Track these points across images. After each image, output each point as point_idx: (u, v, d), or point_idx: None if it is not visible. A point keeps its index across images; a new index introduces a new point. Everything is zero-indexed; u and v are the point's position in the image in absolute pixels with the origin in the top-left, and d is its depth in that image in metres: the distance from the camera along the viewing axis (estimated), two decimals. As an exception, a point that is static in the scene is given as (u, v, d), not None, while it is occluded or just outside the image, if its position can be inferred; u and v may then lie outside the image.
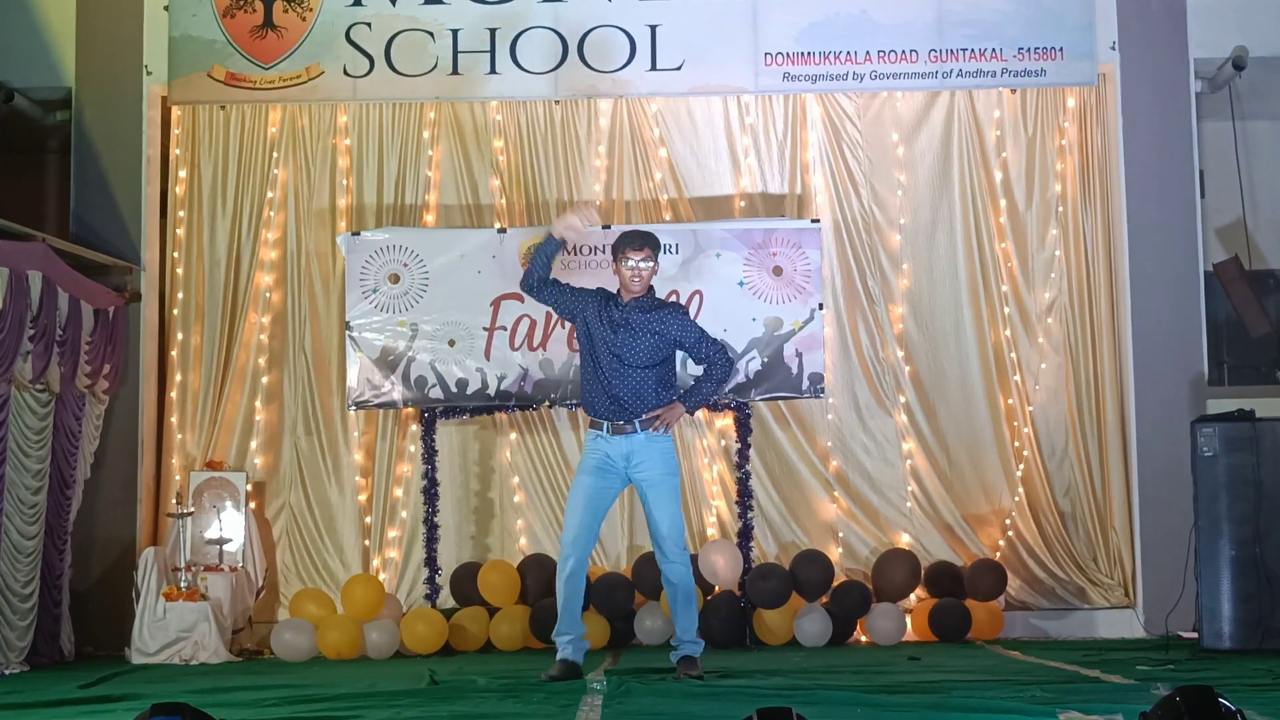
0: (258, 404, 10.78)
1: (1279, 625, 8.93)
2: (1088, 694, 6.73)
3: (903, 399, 10.80)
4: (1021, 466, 10.75)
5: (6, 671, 8.89)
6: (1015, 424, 10.80)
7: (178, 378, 10.78)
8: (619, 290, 7.87)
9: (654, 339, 7.75)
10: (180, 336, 10.81)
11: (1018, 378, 10.80)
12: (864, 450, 10.81)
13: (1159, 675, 7.57)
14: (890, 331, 10.84)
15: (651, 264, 7.78)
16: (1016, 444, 10.77)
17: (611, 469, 7.77)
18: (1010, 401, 10.80)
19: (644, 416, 7.75)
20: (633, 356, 7.71)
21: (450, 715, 6.31)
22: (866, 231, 10.90)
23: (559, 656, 7.79)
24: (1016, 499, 10.73)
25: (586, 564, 7.89)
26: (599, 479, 7.76)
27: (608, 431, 7.73)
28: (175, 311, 10.83)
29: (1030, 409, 10.78)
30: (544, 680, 7.54)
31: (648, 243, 7.81)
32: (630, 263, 7.74)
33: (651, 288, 7.90)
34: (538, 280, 7.88)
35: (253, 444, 10.74)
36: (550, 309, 8.51)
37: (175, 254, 10.87)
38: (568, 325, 10.28)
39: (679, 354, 8.04)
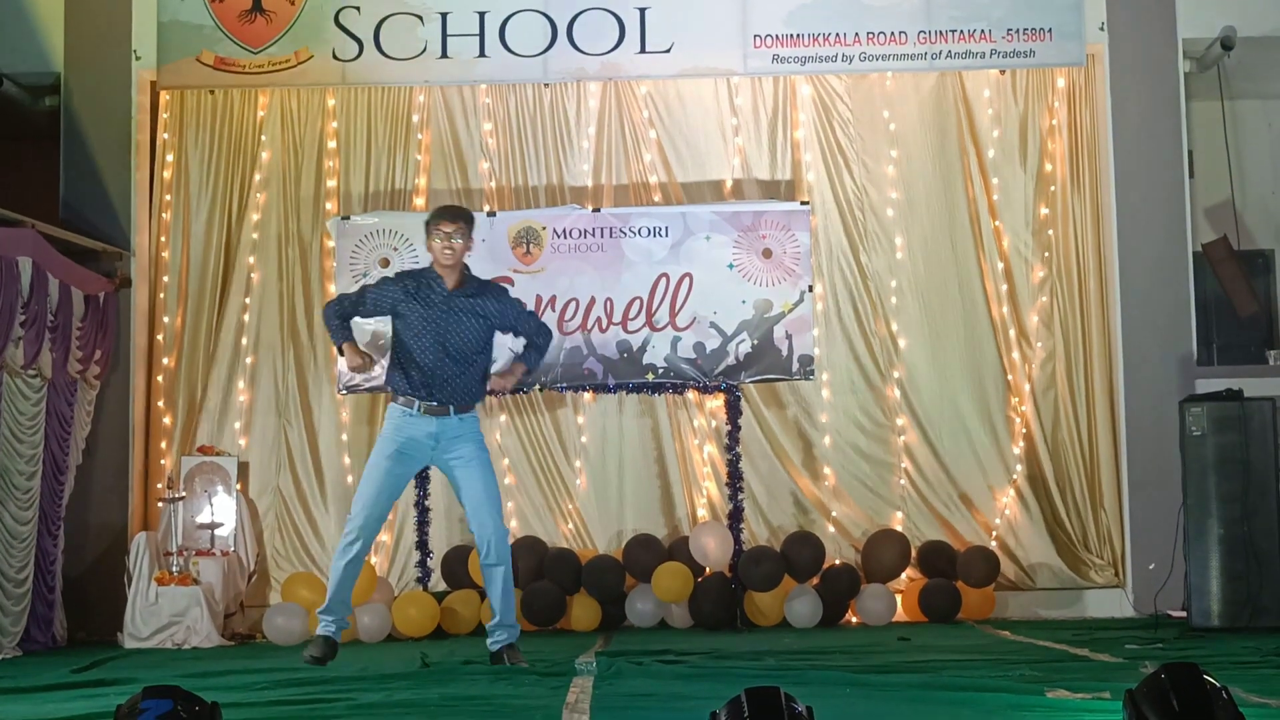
0: (242, 386, 10.79)
1: (1267, 604, 8.97)
2: (1076, 673, 6.77)
3: (896, 375, 10.82)
4: (1015, 446, 10.78)
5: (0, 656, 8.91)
6: (1014, 400, 10.81)
7: (164, 361, 10.79)
8: (432, 266, 7.68)
9: (481, 323, 7.64)
10: (166, 320, 10.82)
11: (1015, 355, 10.82)
12: (857, 429, 10.82)
13: (1147, 654, 7.61)
14: (883, 309, 10.85)
15: (464, 240, 7.59)
16: (1015, 421, 10.79)
17: (413, 454, 7.61)
18: (1008, 378, 10.82)
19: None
20: (461, 343, 7.58)
21: (441, 698, 6.32)
22: (859, 209, 10.92)
23: (321, 633, 7.62)
24: (1011, 478, 10.76)
25: (369, 551, 7.80)
26: (398, 465, 7.60)
27: (419, 411, 7.55)
28: (161, 295, 10.84)
29: (1027, 387, 10.80)
30: (307, 661, 7.49)
31: (460, 216, 7.65)
32: (441, 234, 7.54)
33: (467, 267, 7.74)
34: (342, 331, 7.70)
35: (237, 426, 10.75)
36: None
37: (162, 238, 10.87)
38: (557, 309, 10.32)
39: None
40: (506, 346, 8.65)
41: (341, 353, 7.75)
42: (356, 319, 7.82)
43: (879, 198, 10.96)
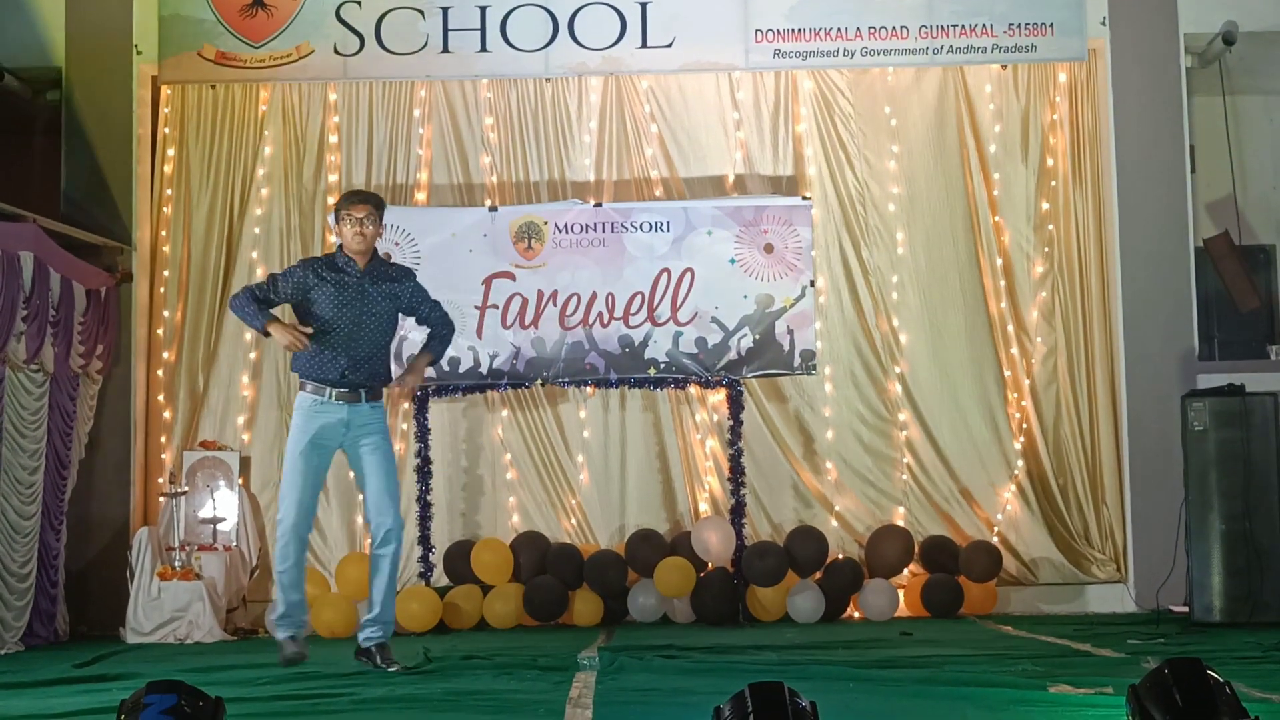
0: (244, 381, 10.79)
1: (1268, 599, 8.99)
2: (1078, 668, 6.79)
3: (898, 370, 10.82)
4: (1016, 441, 10.78)
5: (2, 651, 8.91)
6: (1014, 396, 10.81)
7: (164, 355, 10.79)
8: (340, 251, 7.58)
9: (392, 305, 7.61)
10: (167, 314, 10.82)
11: (1015, 350, 10.82)
12: (859, 424, 10.82)
13: (1149, 649, 7.63)
14: (885, 304, 10.85)
15: (374, 226, 7.50)
16: (1017, 416, 10.79)
17: (327, 442, 7.52)
18: (1006, 374, 10.82)
19: (398, 379, 7.73)
20: (375, 325, 7.52)
21: (444, 692, 6.33)
22: (861, 204, 10.91)
23: (284, 636, 7.55)
24: (1012, 473, 10.76)
25: (306, 546, 7.71)
26: (315, 456, 7.52)
27: (330, 398, 7.46)
28: (162, 290, 10.84)
29: (1027, 382, 10.80)
30: (285, 664, 7.45)
31: (369, 200, 7.58)
32: (352, 220, 7.45)
33: (377, 251, 7.68)
34: (262, 313, 7.50)
35: (241, 421, 10.75)
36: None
37: (163, 232, 10.87)
38: (559, 304, 10.33)
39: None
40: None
41: (267, 334, 7.49)
42: (266, 305, 7.57)
43: (880, 193, 10.96)
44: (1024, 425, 10.79)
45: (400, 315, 7.77)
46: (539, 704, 5.88)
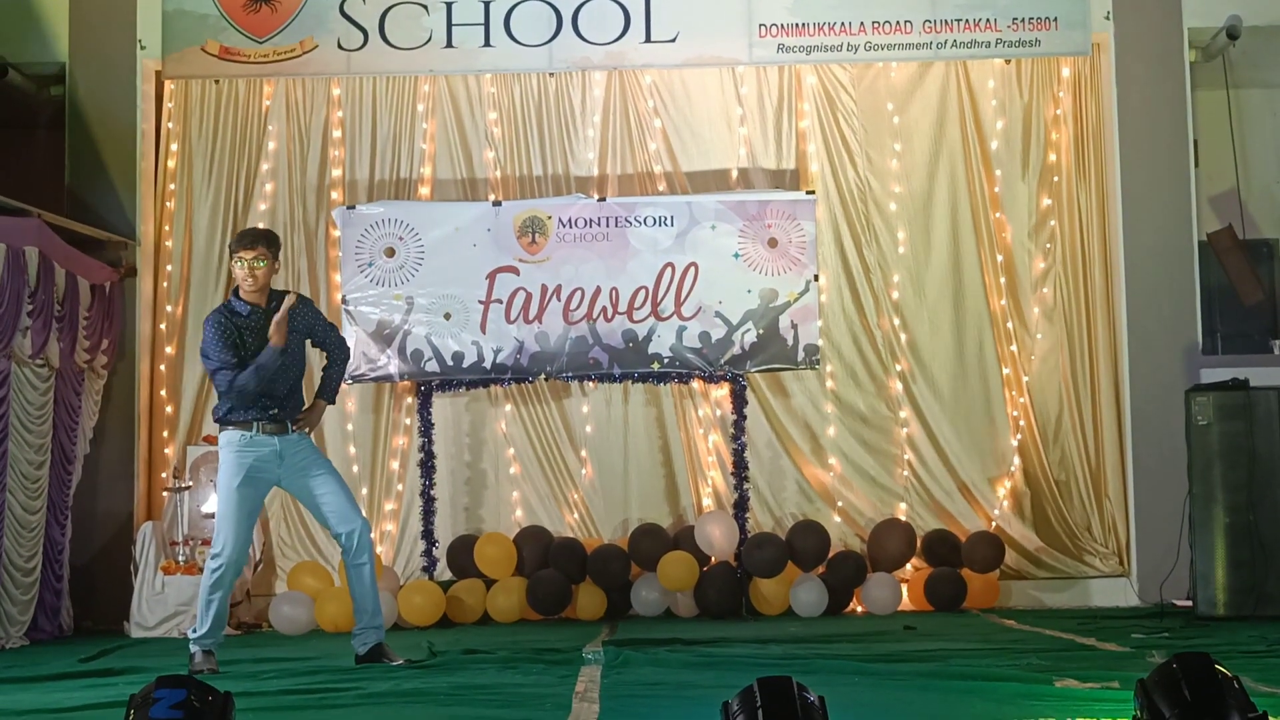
0: (250, 376, 10.78)
1: (1273, 592, 8.99)
2: (1084, 662, 6.79)
3: (899, 367, 10.82)
4: (1017, 436, 10.79)
5: (7, 646, 8.92)
6: (1011, 393, 10.82)
7: (167, 350, 10.79)
8: (236, 295, 7.47)
9: (301, 335, 7.57)
10: (169, 309, 10.82)
11: (1014, 347, 10.83)
12: (860, 420, 10.83)
13: (1154, 643, 7.63)
14: (886, 301, 10.86)
15: (267, 264, 7.41)
16: (1013, 413, 10.80)
17: (261, 475, 7.47)
18: (1005, 372, 10.83)
19: (296, 420, 7.56)
20: (292, 358, 7.49)
21: (450, 686, 6.34)
22: (862, 201, 10.91)
23: (207, 649, 7.38)
24: (1012, 469, 10.76)
25: (240, 574, 7.71)
26: (250, 488, 7.45)
27: (258, 432, 7.41)
28: (165, 284, 10.84)
29: (1025, 379, 10.81)
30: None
31: (260, 240, 7.47)
32: (242, 261, 7.37)
33: (271, 287, 7.52)
34: (261, 355, 7.41)
35: (245, 416, 10.74)
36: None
37: (166, 227, 10.88)
38: (563, 299, 10.33)
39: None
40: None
41: (273, 344, 7.41)
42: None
43: (882, 190, 10.95)
44: (1026, 421, 10.78)
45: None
46: (545, 698, 5.88)
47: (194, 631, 7.46)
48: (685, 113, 11.02)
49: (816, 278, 10.45)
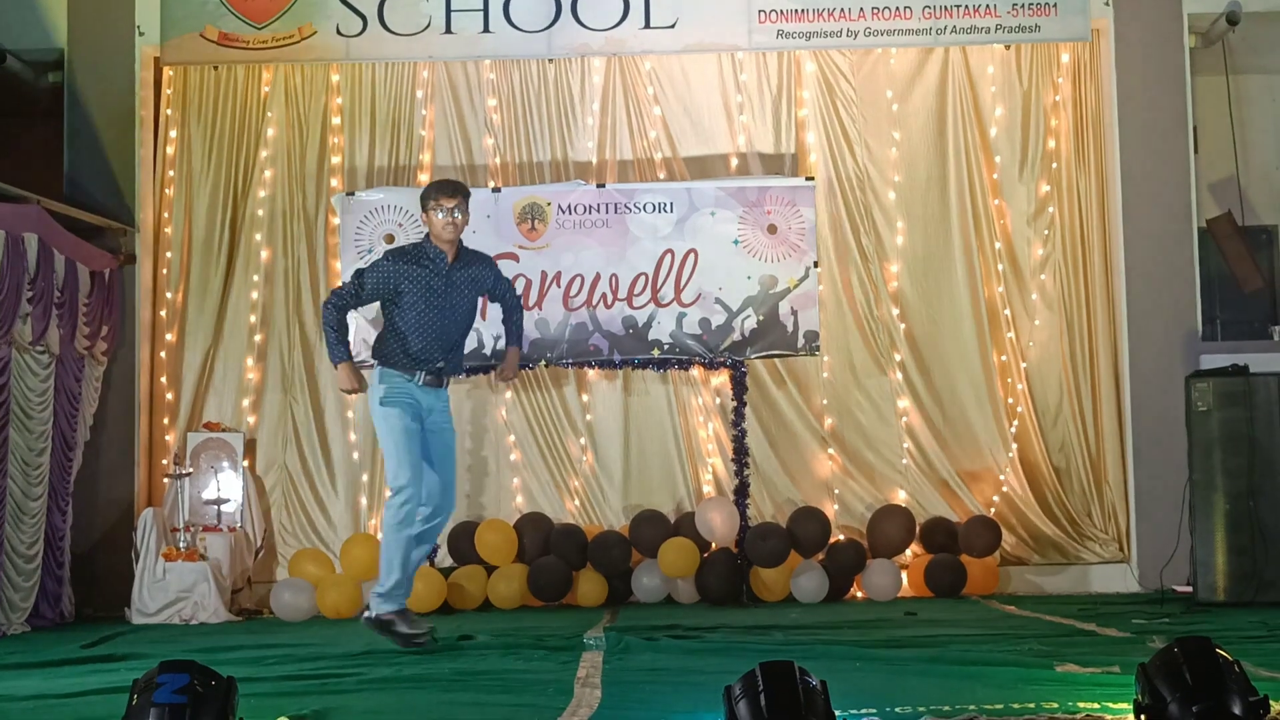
0: (249, 363, 10.79)
1: (1273, 578, 8.99)
2: (1084, 647, 6.80)
3: (898, 356, 10.83)
4: (1016, 423, 10.80)
5: (9, 632, 8.93)
6: (1009, 380, 10.83)
7: (167, 337, 10.79)
8: (428, 239, 7.69)
9: (475, 294, 7.81)
10: (170, 296, 10.82)
11: (1012, 334, 10.83)
12: (859, 408, 10.84)
13: (1155, 628, 7.64)
14: (885, 289, 10.86)
15: (464, 214, 7.65)
16: (1011, 400, 10.81)
17: (417, 416, 7.62)
18: (1004, 358, 10.83)
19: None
20: (462, 316, 7.71)
21: (452, 672, 6.35)
22: (860, 189, 10.91)
23: (391, 612, 7.49)
24: (1011, 455, 10.78)
25: (417, 509, 7.61)
26: (415, 422, 7.58)
27: (419, 382, 7.58)
28: (165, 271, 10.84)
29: (1024, 365, 10.82)
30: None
31: (459, 190, 7.70)
32: (444, 209, 7.58)
33: (460, 240, 7.78)
34: (341, 348, 7.67)
35: (244, 403, 10.76)
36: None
37: (165, 214, 10.87)
38: (563, 285, 10.32)
39: None
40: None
41: (335, 365, 7.71)
42: (355, 314, 7.79)
43: (881, 177, 10.95)
44: (1026, 407, 10.79)
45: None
46: (548, 683, 5.90)
47: (380, 586, 7.49)
48: (685, 99, 11.01)
49: (816, 264, 10.44)
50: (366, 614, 7.56)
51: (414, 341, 7.58)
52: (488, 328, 10.32)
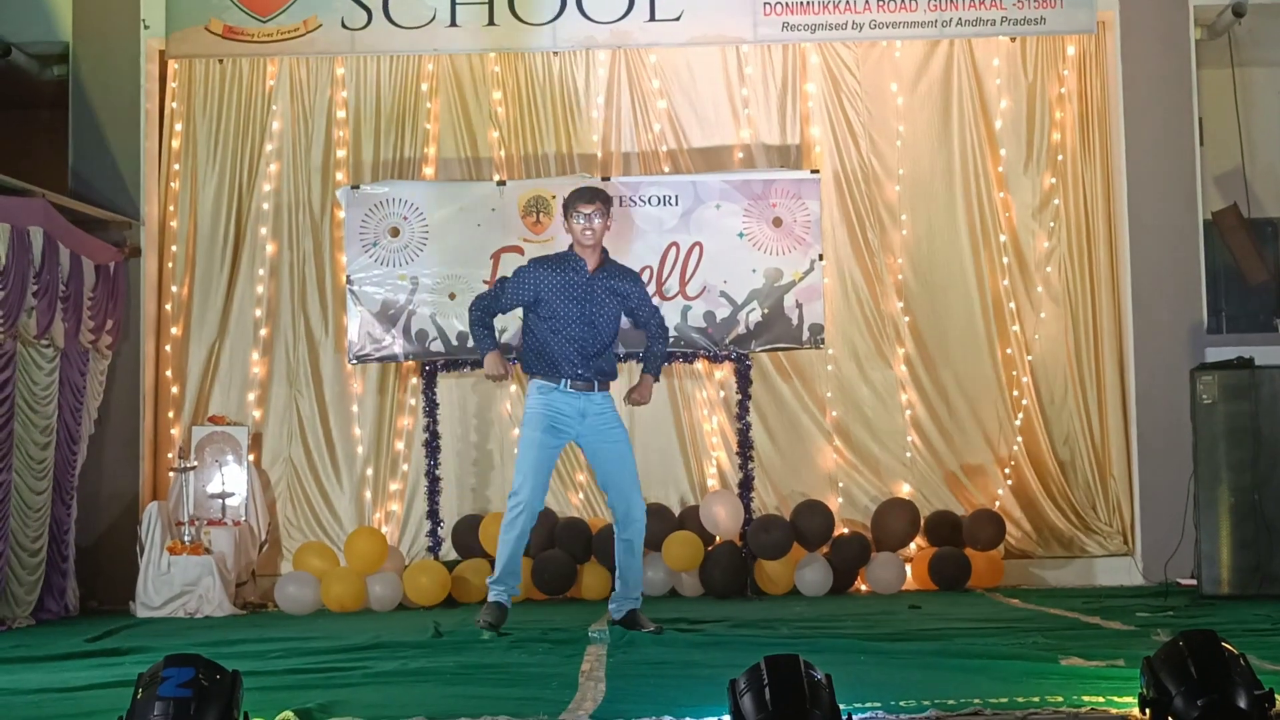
0: (255, 357, 10.80)
1: (1277, 572, 8.98)
2: (1089, 640, 6.80)
3: (902, 350, 10.83)
4: (1020, 416, 10.79)
5: (14, 626, 8.94)
6: (1014, 373, 10.82)
7: (173, 331, 10.80)
8: (571, 248, 7.83)
9: (618, 303, 7.84)
10: (175, 289, 10.82)
11: (1017, 328, 10.83)
12: (864, 401, 10.84)
13: (1159, 621, 7.63)
14: (889, 282, 10.86)
15: (602, 218, 7.73)
16: (1015, 393, 10.81)
17: (563, 427, 7.74)
18: (1009, 351, 10.83)
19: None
20: (604, 323, 7.76)
21: (457, 666, 6.35)
22: (865, 182, 10.90)
23: (494, 599, 7.80)
24: (1015, 448, 10.77)
25: (535, 521, 7.89)
26: (551, 437, 7.74)
27: (566, 387, 7.70)
28: (170, 265, 10.84)
29: (1029, 358, 10.81)
30: (480, 625, 7.64)
31: (598, 196, 7.78)
32: (581, 216, 7.70)
33: (606, 250, 7.89)
34: (488, 338, 7.94)
35: (250, 397, 10.76)
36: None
37: (170, 207, 10.88)
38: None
39: None
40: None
41: (481, 357, 7.97)
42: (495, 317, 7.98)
43: (885, 170, 10.94)
44: (1030, 401, 10.78)
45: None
46: (552, 676, 5.89)
47: (491, 575, 7.91)
48: (690, 92, 11.00)
49: (821, 257, 10.43)
50: None
51: (554, 348, 7.71)
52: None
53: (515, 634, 7.55)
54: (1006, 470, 10.77)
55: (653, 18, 10.71)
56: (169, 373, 10.78)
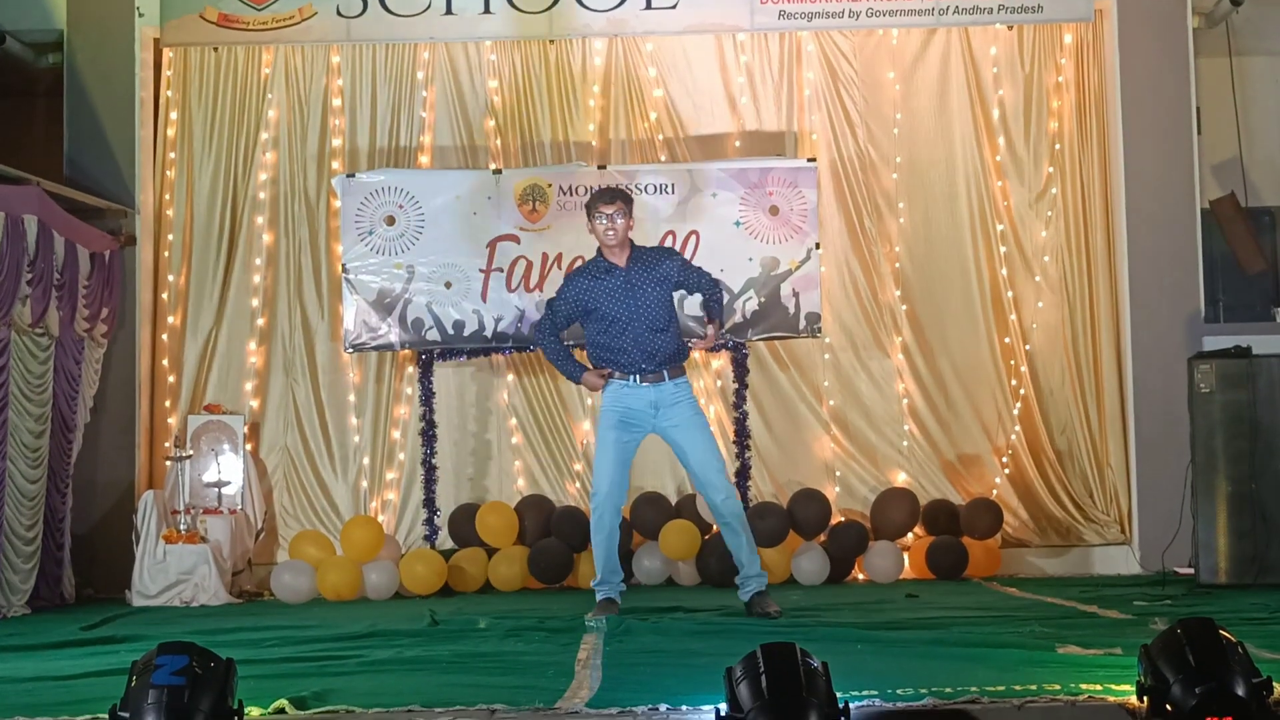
0: (251, 346, 10.78)
1: (1274, 560, 8.98)
2: (1086, 629, 6.80)
3: (899, 339, 10.81)
4: (1018, 405, 10.78)
5: (9, 614, 8.93)
6: (1012, 362, 10.81)
7: (169, 320, 10.78)
8: (599, 251, 7.89)
9: (664, 289, 7.85)
10: (171, 278, 10.80)
11: (1014, 316, 10.81)
12: (861, 390, 10.83)
13: (1157, 610, 7.63)
14: (887, 271, 10.84)
15: (624, 218, 7.78)
16: (1013, 382, 10.79)
17: (635, 422, 7.83)
18: (1007, 340, 10.81)
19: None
20: (654, 314, 7.79)
21: (452, 655, 6.34)
22: (863, 171, 10.89)
23: (604, 598, 7.88)
24: (1013, 437, 10.76)
25: (620, 518, 7.95)
26: (624, 433, 7.82)
27: (636, 382, 7.78)
28: (166, 254, 10.82)
29: (1027, 347, 10.80)
30: (589, 621, 7.57)
31: (618, 196, 7.84)
32: (603, 216, 7.76)
33: (632, 241, 7.92)
34: (573, 365, 8.04)
35: (247, 386, 10.75)
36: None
37: (166, 196, 10.86)
38: (563, 267, 10.29)
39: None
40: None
41: (579, 382, 8.06)
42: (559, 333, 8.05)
43: (882, 159, 10.92)
44: (1027, 390, 10.77)
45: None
46: (548, 665, 5.89)
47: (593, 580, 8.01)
48: (686, 81, 10.97)
49: (818, 246, 10.41)
50: None
51: (615, 349, 7.80)
52: (488, 309, 10.33)
53: (510, 623, 7.54)
54: (1004, 459, 10.76)
55: (649, 6, 10.69)
56: (165, 361, 10.76)
